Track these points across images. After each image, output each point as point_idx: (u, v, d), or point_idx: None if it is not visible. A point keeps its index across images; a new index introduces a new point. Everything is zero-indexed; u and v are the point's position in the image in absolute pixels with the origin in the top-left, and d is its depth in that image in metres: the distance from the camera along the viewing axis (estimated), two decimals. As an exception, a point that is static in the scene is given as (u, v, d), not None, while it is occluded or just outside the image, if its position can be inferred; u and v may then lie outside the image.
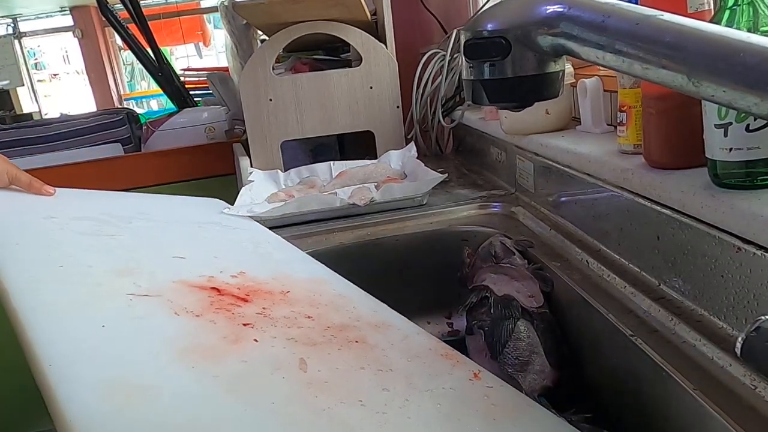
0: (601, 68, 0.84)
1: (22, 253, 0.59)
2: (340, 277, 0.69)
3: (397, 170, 1.14)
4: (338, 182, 1.09)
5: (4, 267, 0.55)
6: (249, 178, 1.11)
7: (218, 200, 0.99)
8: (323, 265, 0.73)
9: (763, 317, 0.39)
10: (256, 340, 0.52)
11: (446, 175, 1.00)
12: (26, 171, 1.61)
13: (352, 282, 0.70)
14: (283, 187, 1.12)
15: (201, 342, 0.50)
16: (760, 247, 0.45)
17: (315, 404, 0.45)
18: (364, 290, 0.68)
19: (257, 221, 0.90)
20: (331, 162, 1.16)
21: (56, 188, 0.84)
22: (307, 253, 0.80)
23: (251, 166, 1.20)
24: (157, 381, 0.44)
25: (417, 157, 1.15)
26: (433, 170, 1.04)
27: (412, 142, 1.21)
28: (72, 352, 0.45)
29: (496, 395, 0.48)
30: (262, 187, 1.09)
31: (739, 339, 0.40)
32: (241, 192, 1.04)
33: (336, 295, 0.65)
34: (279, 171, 1.16)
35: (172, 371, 0.46)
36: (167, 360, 0.47)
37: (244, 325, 0.54)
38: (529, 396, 0.57)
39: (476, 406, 0.48)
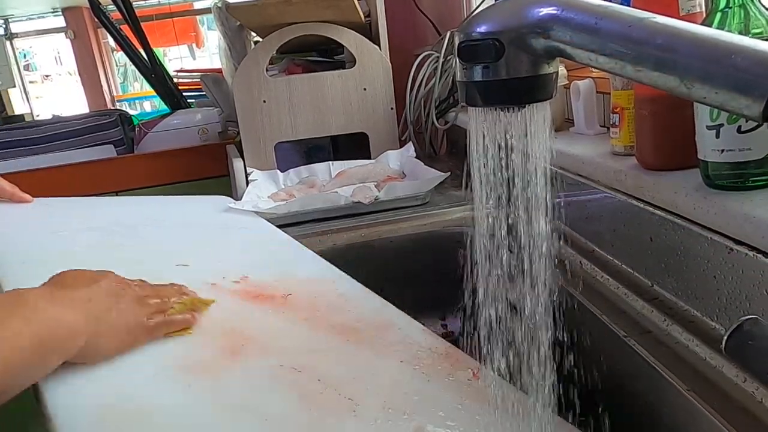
0: (594, 70, 0.85)
1: (28, 273, 0.57)
2: (345, 275, 0.69)
3: (396, 170, 1.14)
4: (338, 182, 1.09)
5: (8, 288, 0.54)
6: (250, 177, 1.11)
7: (225, 197, 0.99)
8: (328, 263, 0.73)
9: (744, 318, 0.40)
10: (253, 352, 0.52)
11: (449, 173, 0.98)
12: (17, 173, 1.58)
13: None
14: (283, 186, 1.12)
15: (199, 358, 0.51)
16: (752, 248, 0.45)
17: (307, 418, 0.45)
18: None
19: (264, 219, 0.90)
20: (330, 162, 1.16)
21: (67, 198, 0.83)
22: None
23: (245, 168, 1.20)
24: (151, 404, 0.45)
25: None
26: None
27: (410, 143, 1.21)
28: (70, 377, 0.46)
29: (493, 397, 0.48)
30: (263, 187, 1.09)
31: (724, 338, 0.41)
32: (247, 189, 1.03)
33: (338, 295, 0.65)
34: (278, 171, 1.16)
35: (167, 392, 0.47)
36: (164, 380, 0.48)
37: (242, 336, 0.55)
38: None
39: (472, 411, 0.48)
